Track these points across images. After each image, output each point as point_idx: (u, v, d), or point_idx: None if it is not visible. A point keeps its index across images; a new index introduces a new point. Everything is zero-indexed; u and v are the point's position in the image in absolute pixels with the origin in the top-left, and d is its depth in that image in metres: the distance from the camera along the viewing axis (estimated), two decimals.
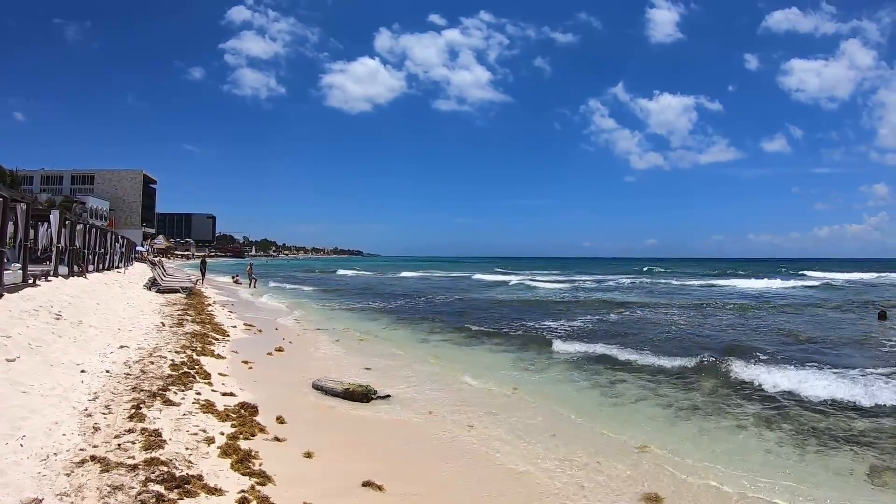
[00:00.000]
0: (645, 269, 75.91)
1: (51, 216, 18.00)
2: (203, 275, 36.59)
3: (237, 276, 43.35)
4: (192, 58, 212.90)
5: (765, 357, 12.00)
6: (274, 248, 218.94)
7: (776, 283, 42.84)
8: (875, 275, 58.51)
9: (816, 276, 56.34)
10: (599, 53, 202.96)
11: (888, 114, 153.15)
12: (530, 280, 48.07)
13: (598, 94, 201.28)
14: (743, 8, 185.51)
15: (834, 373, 10.36)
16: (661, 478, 5.98)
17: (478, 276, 57.78)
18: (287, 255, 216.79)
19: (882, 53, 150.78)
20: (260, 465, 5.41)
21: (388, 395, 8.89)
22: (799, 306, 25.52)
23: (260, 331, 15.44)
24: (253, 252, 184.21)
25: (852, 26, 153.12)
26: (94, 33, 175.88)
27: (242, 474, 5.12)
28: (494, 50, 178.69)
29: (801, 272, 66.68)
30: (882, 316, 21.13)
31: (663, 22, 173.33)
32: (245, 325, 16.29)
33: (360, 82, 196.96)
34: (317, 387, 8.98)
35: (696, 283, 46.75)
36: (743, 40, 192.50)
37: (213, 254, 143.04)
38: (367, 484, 5.33)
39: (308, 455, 5.93)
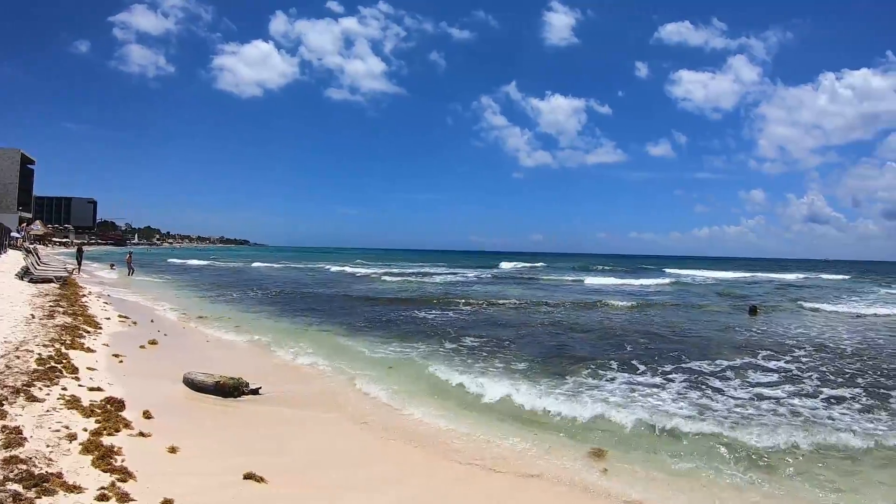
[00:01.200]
0: (502, 264, 77.39)
1: None
2: (79, 263, 34.79)
3: (114, 264, 41.70)
4: (78, 30, 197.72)
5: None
6: (157, 237, 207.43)
7: (629, 281, 45.10)
8: (742, 274, 64.57)
9: (674, 274, 60.60)
10: (495, 52, 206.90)
11: (768, 126, 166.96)
12: (386, 274, 48.91)
13: (491, 91, 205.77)
14: (637, 18, 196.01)
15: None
16: None
17: (336, 268, 58.69)
18: (171, 243, 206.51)
19: (766, 70, 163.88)
20: (122, 461, 5.60)
21: (259, 388, 9.24)
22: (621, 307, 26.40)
23: (135, 323, 15.24)
24: (135, 240, 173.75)
25: (740, 43, 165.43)
26: None
27: (103, 471, 5.33)
28: (391, 41, 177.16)
29: (663, 269, 71.79)
30: (753, 311, 24.20)
31: (559, 26, 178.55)
32: (120, 316, 15.97)
33: (253, 66, 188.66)
34: (187, 380, 9.15)
35: (549, 277, 49.85)
36: (635, 49, 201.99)
37: (92, 241, 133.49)
38: (248, 476, 5.67)
39: (172, 450, 6.18)
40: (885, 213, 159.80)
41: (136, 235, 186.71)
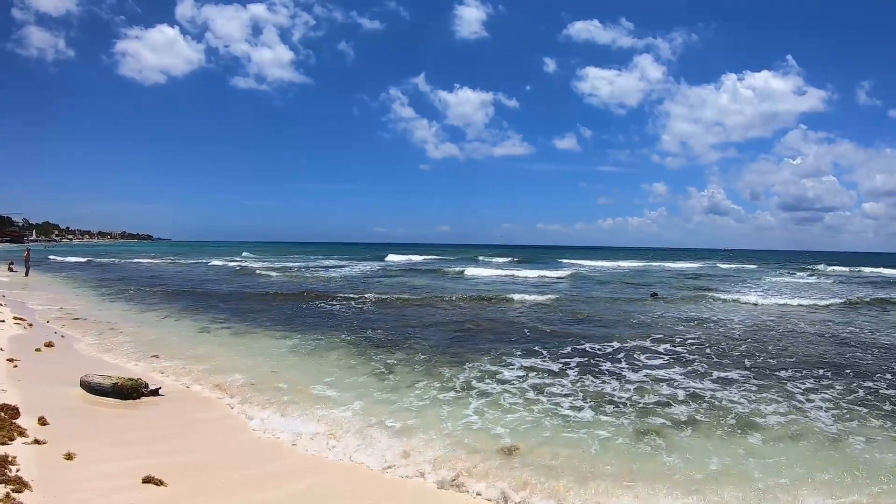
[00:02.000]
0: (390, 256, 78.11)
1: None
2: None
3: (12, 263, 39.42)
4: None
5: None
6: (57, 232, 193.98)
7: (529, 273, 46.07)
8: (645, 263, 69.67)
9: (577, 264, 64.51)
10: (404, 43, 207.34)
11: (671, 122, 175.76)
12: (269, 268, 48.51)
13: (400, 83, 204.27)
14: (547, 15, 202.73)
15: None
16: None
17: (214, 262, 58.69)
18: (71, 239, 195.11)
19: (671, 69, 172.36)
20: (17, 470, 5.63)
21: (159, 388, 9.36)
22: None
23: (30, 324, 14.79)
24: (33, 236, 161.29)
25: (647, 43, 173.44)
26: None
27: None
28: (299, 30, 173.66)
29: (559, 260, 75.91)
30: (654, 295, 27.42)
31: (470, 19, 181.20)
32: (15, 318, 15.39)
33: (157, 51, 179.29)
34: (84, 383, 9.09)
35: (446, 269, 49.83)
36: (544, 45, 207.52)
37: None
38: (148, 480, 5.80)
39: (69, 457, 6.25)
40: (781, 206, 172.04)
41: (35, 232, 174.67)
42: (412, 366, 11.76)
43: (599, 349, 13.59)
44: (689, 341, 14.93)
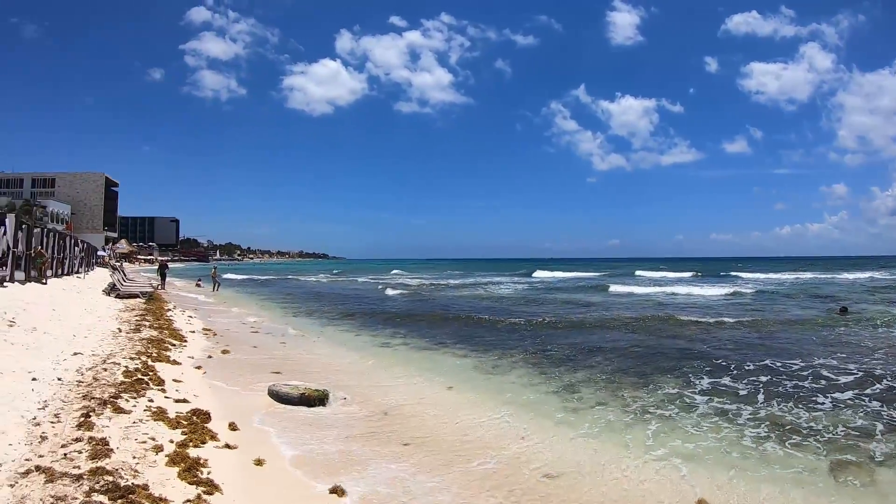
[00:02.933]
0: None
1: (6, 220, 17.69)
2: (163, 279, 35.97)
3: (200, 280, 42.98)
4: (151, 59, 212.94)
5: None
6: (238, 252, 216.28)
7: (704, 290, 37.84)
8: (824, 274, 60.85)
9: (744, 277, 57.03)
10: (560, 55, 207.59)
11: (846, 116, 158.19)
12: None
13: (560, 96, 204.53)
14: (702, 11, 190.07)
15: None
16: None
17: (381, 280, 59.42)
18: (252, 258, 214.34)
19: (840, 57, 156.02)
20: (208, 473, 5.43)
21: (345, 398, 8.98)
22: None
23: (219, 335, 15.36)
24: (217, 256, 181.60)
25: (811, 30, 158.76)
26: (51, 33, 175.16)
27: (189, 483, 5.14)
28: (455, 52, 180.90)
29: (733, 273, 65.75)
30: (843, 311, 22.81)
31: (623, 24, 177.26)
32: (204, 329, 16.19)
33: (322, 84, 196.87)
34: (272, 392, 8.95)
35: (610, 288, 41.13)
36: (703, 43, 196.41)
37: (176, 258, 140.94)
38: (334, 491, 5.45)
39: (259, 462, 5.98)
40: None
41: (218, 251, 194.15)
42: (593, 387, 10.51)
43: (786, 371, 11.28)
44: (889, 365, 12.24)
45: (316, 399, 8.70)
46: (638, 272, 69.56)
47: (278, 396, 8.84)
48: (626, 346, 14.82)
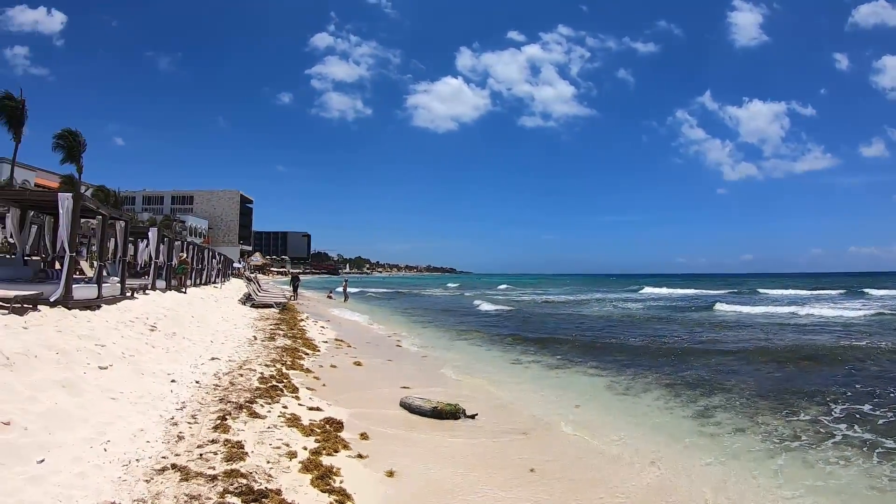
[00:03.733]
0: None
1: (149, 233, 18.94)
2: (295, 291, 37.47)
3: (331, 291, 44.37)
4: (279, 83, 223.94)
5: None
6: (367, 266, 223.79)
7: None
8: None
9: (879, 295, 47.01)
10: (683, 61, 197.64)
11: None
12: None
13: (685, 103, 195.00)
14: (827, 3, 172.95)
15: None
16: None
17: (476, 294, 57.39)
18: (380, 272, 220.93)
19: None
20: (341, 482, 5.19)
21: (476, 415, 8.49)
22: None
23: (351, 346, 15.42)
24: (347, 269, 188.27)
25: None
26: (184, 63, 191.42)
27: (322, 491, 4.91)
28: (576, 64, 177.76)
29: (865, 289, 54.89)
30: None
31: (746, 25, 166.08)
32: (336, 339, 16.35)
33: (445, 102, 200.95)
34: (404, 404, 8.64)
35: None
36: (831, 39, 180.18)
37: (307, 271, 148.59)
38: None
39: (390, 474, 5.65)
40: None
41: (348, 265, 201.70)
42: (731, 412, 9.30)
43: None
44: None
45: (448, 413, 8.27)
46: (761, 289, 61.06)
47: (410, 408, 8.52)
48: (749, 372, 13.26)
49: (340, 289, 40.88)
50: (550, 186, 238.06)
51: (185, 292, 20.06)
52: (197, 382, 8.15)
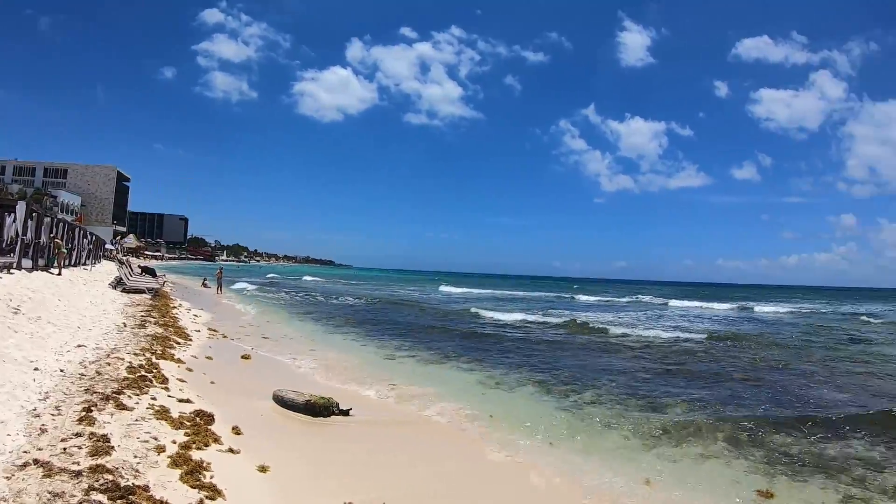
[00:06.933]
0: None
1: (17, 207, 17.66)
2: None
3: (206, 279, 42.98)
4: (163, 57, 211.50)
5: None
6: (245, 254, 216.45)
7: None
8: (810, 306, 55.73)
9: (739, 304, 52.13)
10: (571, 74, 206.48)
11: (857, 146, 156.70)
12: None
13: (569, 114, 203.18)
14: (713, 34, 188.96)
15: None
16: None
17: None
18: (259, 261, 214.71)
19: (852, 85, 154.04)
20: (211, 477, 5.24)
21: (350, 409, 8.75)
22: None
23: (224, 336, 15.20)
24: (224, 256, 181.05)
25: (822, 57, 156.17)
26: (66, 26, 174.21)
27: (191, 487, 4.95)
28: (465, 66, 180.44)
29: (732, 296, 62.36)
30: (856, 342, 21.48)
31: (634, 46, 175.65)
32: (210, 329, 16.03)
33: (332, 91, 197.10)
34: (277, 397, 8.75)
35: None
36: (714, 67, 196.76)
37: (183, 256, 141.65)
38: None
39: (262, 469, 5.78)
40: None
41: (226, 252, 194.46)
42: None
43: None
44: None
45: (321, 407, 8.47)
46: (581, 296, 61.02)
47: (283, 402, 8.65)
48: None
49: (216, 276, 39.93)
50: (434, 184, 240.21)
51: (59, 274, 18.95)
52: (62, 371, 7.79)
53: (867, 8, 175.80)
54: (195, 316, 19.32)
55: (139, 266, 41.13)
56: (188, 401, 7.82)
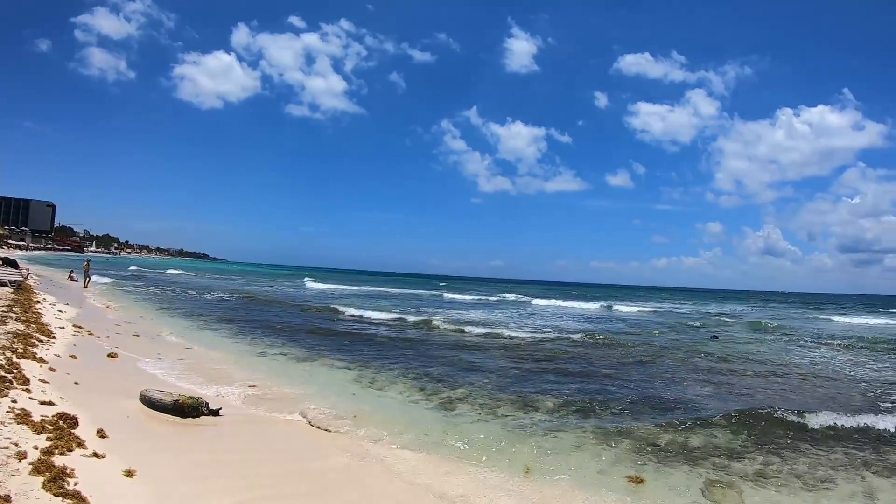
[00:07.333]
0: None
1: None
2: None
3: (73, 272, 40.58)
4: (39, 28, 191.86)
5: None
6: (116, 245, 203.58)
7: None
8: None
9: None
10: (456, 76, 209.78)
11: (725, 160, 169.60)
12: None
13: (451, 115, 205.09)
14: (597, 47, 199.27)
15: None
16: None
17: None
18: (129, 252, 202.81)
19: (725, 105, 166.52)
20: (75, 483, 5.30)
21: (220, 409, 8.92)
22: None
23: (90, 333, 14.67)
24: (93, 248, 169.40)
25: (699, 76, 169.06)
26: None
27: (55, 495, 5.02)
28: (352, 60, 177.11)
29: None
30: (714, 338, 25.86)
31: (520, 52, 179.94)
32: (75, 326, 15.34)
33: (213, 77, 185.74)
34: (144, 398, 8.75)
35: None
36: (595, 79, 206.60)
37: (49, 246, 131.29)
38: None
39: (129, 474, 5.89)
40: (839, 247, 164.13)
41: (95, 243, 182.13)
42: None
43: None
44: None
45: (190, 407, 8.59)
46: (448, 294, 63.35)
47: (150, 402, 8.66)
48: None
49: (83, 269, 37.95)
50: (311, 178, 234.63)
51: None
52: None
53: (745, 34, 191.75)
54: (60, 311, 18.31)
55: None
56: (51, 403, 7.70)
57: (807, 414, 10.63)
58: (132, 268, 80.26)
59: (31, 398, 7.71)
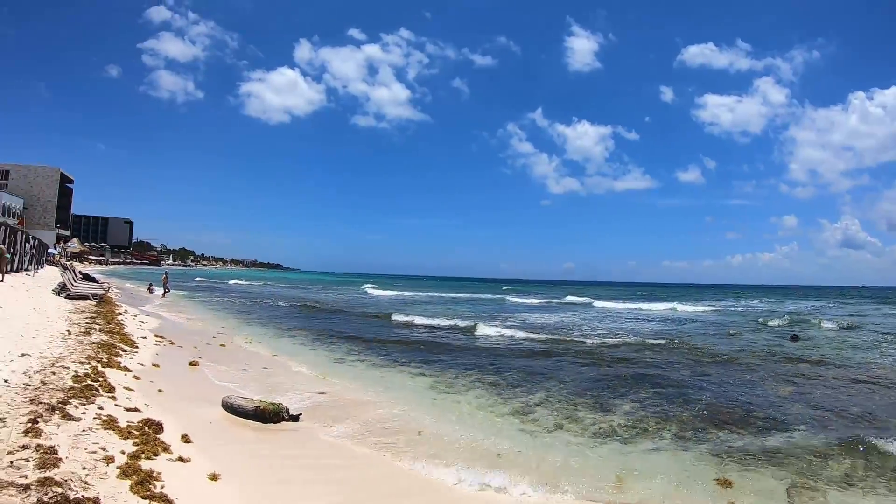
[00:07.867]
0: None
1: None
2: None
3: (151, 284, 42.12)
4: (108, 55, 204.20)
5: None
6: (192, 258, 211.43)
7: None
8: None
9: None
10: (518, 78, 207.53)
11: (798, 150, 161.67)
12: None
13: (516, 118, 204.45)
14: (659, 41, 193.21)
15: None
16: None
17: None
18: (205, 265, 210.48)
19: (794, 91, 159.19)
20: (162, 486, 5.29)
21: (300, 415, 8.85)
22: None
23: (171, 342, 15.00)
24: (170, 261, 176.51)
25: (766, 64, 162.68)
26: (8, 22, 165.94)
27: (142, 497, 5.00)
28: (413, 68, 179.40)
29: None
30: (794, 338, 23.84)
31: (582, 51, 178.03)
32: (156, 336, 15.76)
33: (279, 93, 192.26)
34: (226, 404, 8.77)
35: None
36: (659, 73, 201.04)
37: (128, 261, 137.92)
38: None
39: (213, 477, 5.86)
40: None
41: (171, 256, 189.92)
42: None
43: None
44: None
45: (271, 413, 8.55)
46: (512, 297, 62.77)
47: (232, 409, 8.67)
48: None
49: (161, 281, 39.43)
50: (379, 187, 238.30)
51: (1, 280, 18.41)
52: (6, 381, 7.64)
53: (810, 18, 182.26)
54: (141, 322, 18.92)
55: (80, 272, 40.02)
56: (136, 409, 7.78)
57: (893, 419, 9.84)
58: (198, 279, 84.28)
59: (116, 405, 7.79)
